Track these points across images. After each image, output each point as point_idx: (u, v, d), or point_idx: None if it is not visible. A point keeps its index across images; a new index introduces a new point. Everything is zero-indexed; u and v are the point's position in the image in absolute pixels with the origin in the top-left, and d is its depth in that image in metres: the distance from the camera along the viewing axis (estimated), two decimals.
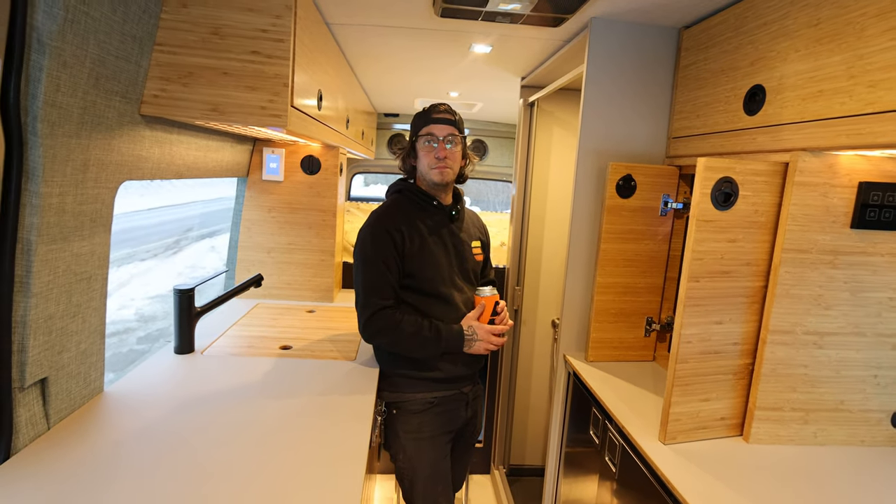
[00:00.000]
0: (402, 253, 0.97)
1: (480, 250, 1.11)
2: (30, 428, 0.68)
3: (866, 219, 0.74)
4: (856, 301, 0.77)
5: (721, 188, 0.75)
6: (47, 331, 0.68)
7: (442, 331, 0.97)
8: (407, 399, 1.02)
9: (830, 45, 0.67)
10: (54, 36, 0.60)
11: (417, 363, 1.00)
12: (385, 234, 0.96)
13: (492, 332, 1.00)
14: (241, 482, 0.65)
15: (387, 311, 0.96)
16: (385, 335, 0.97)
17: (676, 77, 1.07)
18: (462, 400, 1.07)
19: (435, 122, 0.98)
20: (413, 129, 1.02)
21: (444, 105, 1.00)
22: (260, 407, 0.85)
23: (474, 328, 0.99)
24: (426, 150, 0.99)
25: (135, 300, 5.99)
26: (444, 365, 1.01)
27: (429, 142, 0.98)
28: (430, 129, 0.98)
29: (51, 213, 0.65)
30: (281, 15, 0.82)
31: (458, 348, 0.99)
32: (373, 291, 0.96)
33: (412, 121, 1.03)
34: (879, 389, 0.79)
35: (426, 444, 1.01)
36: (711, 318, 0.78)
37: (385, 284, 0.97)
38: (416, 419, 1.01)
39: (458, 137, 1.00)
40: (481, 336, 0.99)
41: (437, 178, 0.99)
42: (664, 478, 0.71)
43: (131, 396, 0.85)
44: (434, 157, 0.98)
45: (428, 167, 0.99)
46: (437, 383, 1.02)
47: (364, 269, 0.98)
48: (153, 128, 0.87)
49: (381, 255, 0.96)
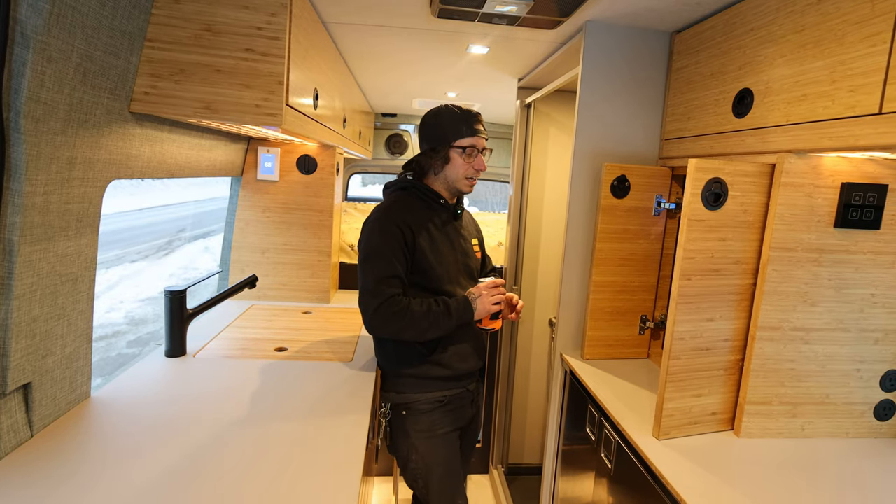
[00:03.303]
0: (411, 248, 0.97)
1: (479, 248, 1.14)
2: (11, 436, 0.65)
3: (849, 218, 0.77)
4: (840, 298, 0.80)
5: (711, 188, 0.77)
6: (30, 334, 0.66)
7: (450, 304, 0.96)
8: (416, 399, 1.01)
9: (814, 51, 0.70)
10: (39, 30, 0.58)
11: (426, 362, 1.00)
12: (394, 227, 0.96)
13: (489, 286, 0.99)
14: (234, 488, 0.63)
15: (396, 297, 0.95)
16: (397, 320, 0.94)
17: (669, 80, 1.10)
18: (468, 397, 1.08)
19: (478, 133, 1.00)
20: (450, 132, 0.99)
21: (479, 114, 1.02)
22: (254, 410, 0.84)
23: (473, 291, 1.00)
24: (465, 160, 1.00)
25: (125, 303, 5.86)
26: (454, 362, 1.01)
27: (471, 154, 1.00)
28: (473, 140, 0.99)
29: (35, 212, 0.63)
30: (276, 13, 0.82)
31: (469, 315, 0.97)
32: (382, 280, 0.95)
33: (444, 122, 1.00)
34: (863, 383, 0.82)
35: (439, 442, 1.01)
36: (703, 315, 0.80)
37: (394, 275, 0.96)
38: (426, 418, 1.01)
39: (487, 149, 1.03)
40: (481, 292, 0.99)
41: (468, 189, 1.03)
42: (658, 473, 0.73)
43: (120, 401, 0.83)
44: (473, 167, 1.01)
45: (463, 176, 1.01)
46: (446, 381, 1.02)
47: (372, 261, 0.96)
48: (143, 125, 0.85)
49: (391, 248, 0.95)
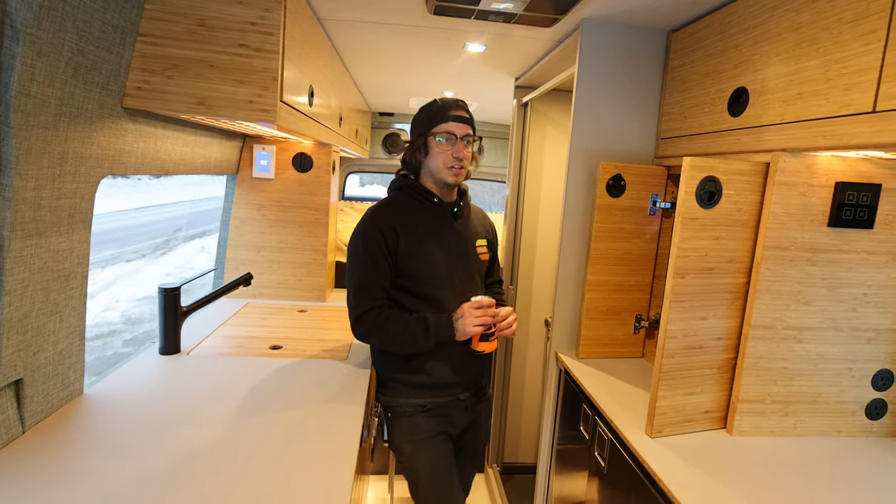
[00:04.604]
0: (394, 252, 0.94)
1: (486, 249, 1.06)
2: (3, 432, 0.65)
3: (842, 218, 0.77)
4: (833, 297, 0.80)
5: (705, 187, 0.77)
6: (22, 330, 0.65)
7: (430, 321, 0.93)
8: (399, 403, 1.00)
9: (809, 50, 0.70)
10: (29, 23, 0.57)
11: (407, 368, 0.99)
12: (377, 232, 0.94)
13: (474, 307, 0.93)
14: (227, 485, 0.63)
15: (374, 310, 0.94)
16: (374, 335, 0.95)
17: (665, 79, 1.09)
18: (459, 406, 1.03)
19: (454, 119, 0.92)
20: (426, 123, 0.94)
21: (460, 101, 0.94)
22: (248, 408, 0.84)
23: (458, 310, 0.94)
24: (442, 149, 0.93)
25: (120, 302, 5.83)
26: (434, 370, 0.98)
27: (446, 140, 0.92)
28: (448, 126, 0.92)
29: (25, 207, 0.62)
30: (270, 8, 0.81)
31: (450, 336, 0.94)
32: (361, 291, 0.94)
33: (423, 114, 0.95)
34: (854, 382, 0.82)
35: (422, 446, 0.99)
36: (696, 313, 0.80)
37: (374, 284, 0.94)
38: (407, 422, 1.00)
39: (473, 137, 0.95)
40: (464, 312, 0.93)
41: (451, 179, 0.94)
42: (651, 470, 0.73)
43: (113, 398, 0.83)
44: (451, 156, 0.93)
45: (443, 165, 0.93)
46: (428, 389, 0.99)
47: (354, 268, 0.96)
48: (136, 121, 0.85)
49: (371, 254, 0.94)
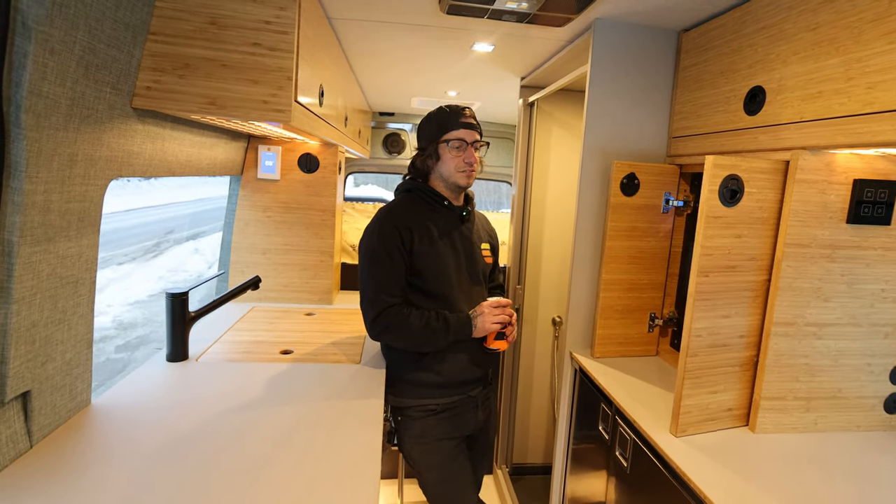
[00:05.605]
0: (410, 251, 0.96)
1: (489, 253, 1.12)
2: (10, 447, 0.61)
3: (860, 214, 0.78)
4: (852, 293, 0.81)
5: (728, 185, 0.78)
6: (30, 340, 0.63)
7: (450, 320, 0.96)
8: (410, 405, 1.00)
9: (828, 49, 0.70)
10: (41, 20, 0.55)
11: (418, 367, 0.99)
12: (394, 230, 0.96)
13: (493, 305, 0.99)
14: (246, 498, 0.61)
15: (394, 307, 0.95)
16: (393, 331, 0.95)
17: (676, 78, 1.10)
18: (471, 404, 1.05)
19: (464, 126, 1.00)
20: (436, 130, 1.00)
21: (468, 109, 1.02)
22: (262, 415, 0.81)
23: (477, 308, 1.00)
24: (454, 154, 1.00)
25: (112, 306, 5.68)
26: (447, 369, 0.99)
27: (458, 147, 0.99)
28: (459, 133, 0.99)
29: (35, 211, 0.60)
30: (285, 6, 0.79)
31: (468, 333, 0.98)
32: (381, 288, 0.95)
33: (433, 121, 1.01)
34: (873, 377, 0.83)
35: (432, 448, 0.99)
36: (719, 311, 0.80)
37: (393, 281, 0.96)
38: (418, 424, 1.00)
39: (481, 142, 1.02)
40: (484, 310, 0.99)
41: (464, 181, 1.01)
42: (679, 470, 0.72)
43: (121, 408, 0.80)
44: (463, 161, 1.00)
45: (455, 170, 1.00)
46: (440, 389, 1.00)
47: (372, 266, 0.96)
48: (145, 122, 0.82)
49: (389, 252, 0.95)
